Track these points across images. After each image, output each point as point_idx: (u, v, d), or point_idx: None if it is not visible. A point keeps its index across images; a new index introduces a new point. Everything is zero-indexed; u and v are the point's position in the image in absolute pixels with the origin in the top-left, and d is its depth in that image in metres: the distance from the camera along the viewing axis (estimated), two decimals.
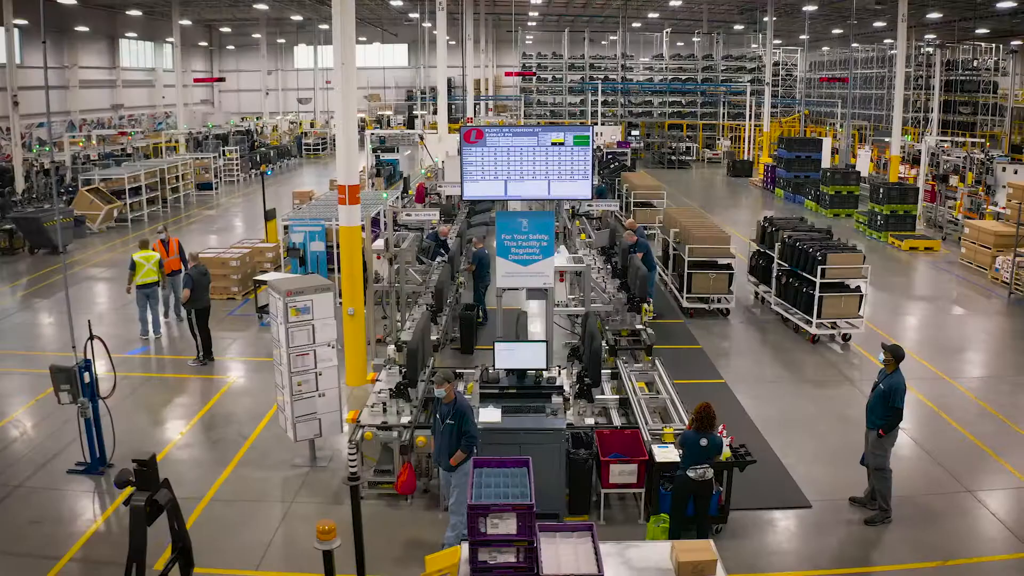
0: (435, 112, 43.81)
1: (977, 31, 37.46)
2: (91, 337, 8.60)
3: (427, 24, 40.28)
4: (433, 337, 10.61)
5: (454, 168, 20.13)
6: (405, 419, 8.02)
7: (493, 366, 7.80)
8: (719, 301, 14.50)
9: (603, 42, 51.17)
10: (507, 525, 4.22)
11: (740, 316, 14.52)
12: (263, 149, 34.97)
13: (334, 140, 42.23)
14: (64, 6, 35.08)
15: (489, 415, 7.37)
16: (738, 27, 44.28)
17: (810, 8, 32.57)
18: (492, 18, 48.91)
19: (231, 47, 55.43)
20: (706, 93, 41.84)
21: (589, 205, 17.09)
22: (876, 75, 39.54)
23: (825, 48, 50.01)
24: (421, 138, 20.94)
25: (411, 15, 39.85)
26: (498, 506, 4.28)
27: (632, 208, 20.79)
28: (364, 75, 57.16)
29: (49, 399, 10.67)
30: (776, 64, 44.34)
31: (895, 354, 7.73)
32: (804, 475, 8.60)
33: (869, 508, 7.90)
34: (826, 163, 27.60)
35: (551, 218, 9.41)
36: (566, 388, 8.09)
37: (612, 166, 25.62)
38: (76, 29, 40.01)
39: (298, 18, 40.56)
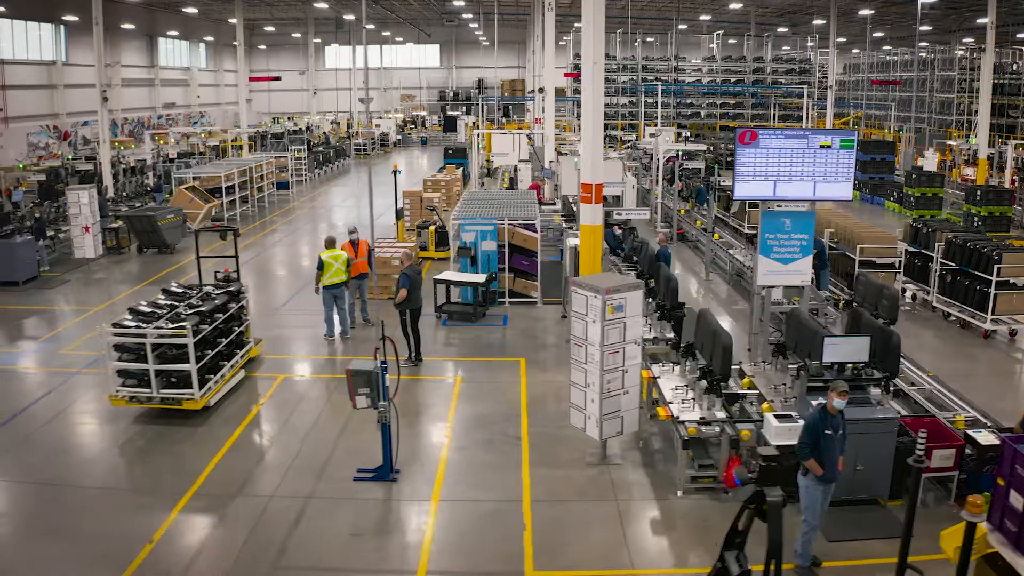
0: (469, 112, 43.97)
1: (1019, 35, 38.33)
2: (383, 338, 8.52)
3: (473, 25, 40.42)
4: (651, 335, 10.76)
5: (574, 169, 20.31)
6: (719, 414, 8.21)
7: (820, 360, 8.04)
8: None
9: (636, 43, 51.45)
10: None
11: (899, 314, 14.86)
12: (321, 148, 34.86)
13: (381, 140, 42.45)
14: (109, 3, 34.64)
15: None
16: (781, 29, 44.92)
17: (866, 12, 33.19)
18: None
19: (262, 47, 55.07)
20: (758, 95, 42.34)
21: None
22: (917, 78, 40.30)
23: (855, 50, 50.79)
24: (529, 138, 21.16)
25: (464, 15, 39.89)
26: None
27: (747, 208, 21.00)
28: (397, 75, 57.20)
29: (271, 403, 10.70)
30: (810, 64, 45.00)
31: None
32: None
33: None
34: None
35: (812, 218, 9.66)
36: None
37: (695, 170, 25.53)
38: (120, 27, 39.63)
39: (350, 17, 40.42)
